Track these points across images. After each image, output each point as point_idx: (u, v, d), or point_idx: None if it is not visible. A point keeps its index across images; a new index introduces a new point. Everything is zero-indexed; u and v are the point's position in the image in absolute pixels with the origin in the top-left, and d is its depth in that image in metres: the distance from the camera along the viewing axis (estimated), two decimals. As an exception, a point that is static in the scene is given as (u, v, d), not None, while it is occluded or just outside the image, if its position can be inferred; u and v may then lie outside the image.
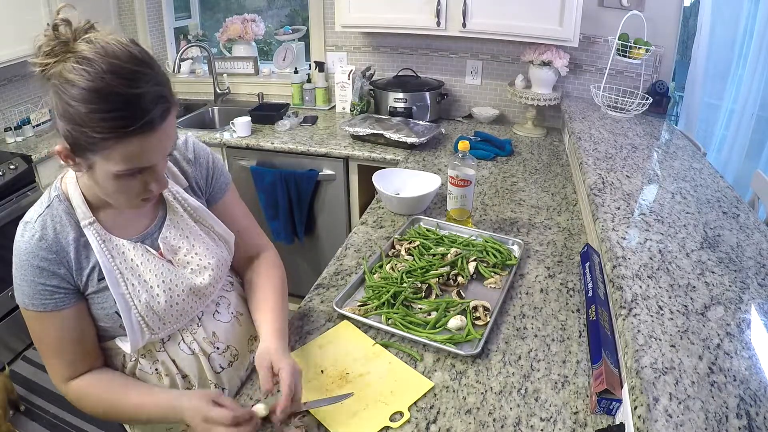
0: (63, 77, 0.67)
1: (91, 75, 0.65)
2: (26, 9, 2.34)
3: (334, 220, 2.37)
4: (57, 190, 0.82)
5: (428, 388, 0.93)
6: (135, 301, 0.83)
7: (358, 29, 2.52)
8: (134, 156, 0.70)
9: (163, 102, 0.70)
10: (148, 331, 0.86)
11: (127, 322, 0.83)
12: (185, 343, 0.92)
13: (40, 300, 0.79)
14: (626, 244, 1.04)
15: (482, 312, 1.10)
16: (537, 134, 2.38)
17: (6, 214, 2.17)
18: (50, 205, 0.81)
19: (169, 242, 0.89)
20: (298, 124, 2.50)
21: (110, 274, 0.82)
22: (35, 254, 0.78)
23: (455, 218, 1.47)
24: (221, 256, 0.96)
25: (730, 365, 0.73)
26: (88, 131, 0.67)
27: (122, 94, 0.66)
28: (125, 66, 0.67)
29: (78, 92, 0.66)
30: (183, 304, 0.89)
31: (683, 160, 1.58)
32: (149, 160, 0.73)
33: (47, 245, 0.78)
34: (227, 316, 0.99)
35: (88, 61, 0.66)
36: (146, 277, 0.85)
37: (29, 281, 0.79)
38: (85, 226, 0.81)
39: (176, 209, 0.91)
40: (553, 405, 0.89)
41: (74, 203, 0.81)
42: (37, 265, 0.78)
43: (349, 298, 1.18)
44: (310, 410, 0.87)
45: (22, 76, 2.65)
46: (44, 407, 2.07)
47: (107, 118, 0.66)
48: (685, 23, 2.56)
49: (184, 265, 0.90)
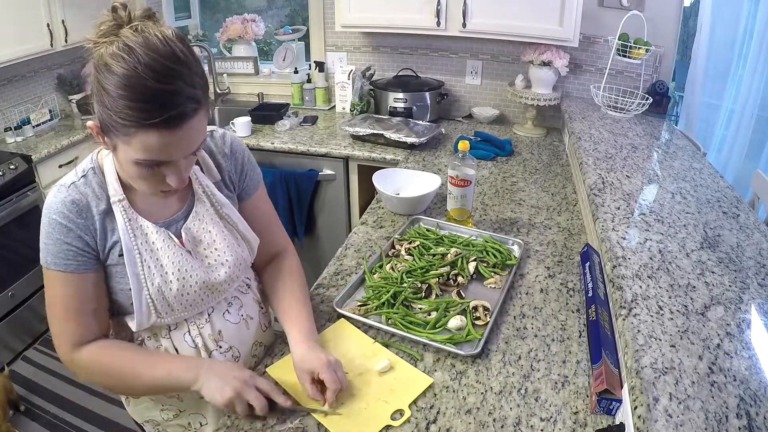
0: (103, 60, 0.69)
1: (127, 64, 0.67)
2: (26, 9, 2.34)
3: (334, 220, 2.37)
4: (93, 163, 0.84)
5: (428, 384, 0.94)
6: (148, 282, 0.85)
7: (358, 29, 2.52)
8: (153, 148, 0.71)
9: (192, 102, 0.71)
10: (155, 314, 0.87)
11: (136, 302, 0.85)
12: (190, 336, 0.93)
13: (64, 260, 0.81)
14: (626, 244, 1.04)
15: (482, 312, 1.10)
16: (537, 134, 2.38)
17: (6, 214, 2.17)
18: (86, 175, 0.83)
19: (191, 233, 0.91)
20: (298, 124, 2.50)
21: (129, 252, 0.84)
22: (65, 215, 0.80)
23: (455, 218, 1.47)
24: (240, 255, 0.96)
25: (730, 365, 0.73)
26: (113, 115, 0.69)
27: (150, 88, 0.67)
28: (162, 62, 0.68)
29: (111, 77, 0.68)
30: (194, 295, 0.90)
31: (683, 160, 1.58)
32: (168, 155, 0.74)
33: (77, 209, 0.81)
34: (237, 317, 0.99)
35: (129, 49, 0.67)
36: (163, 261, 0.87)
37: (55, 239, 0.80)
38: (114, 202, 0.83)
39: (204, 202, 0.92)
40: (553, 405, 0.89)
41: (108, 179, 0.83)
42: (66, 225, 0.80)
43: (349, 298, 1.18)
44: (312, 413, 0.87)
45: (22, 76, 2.65)
46: (44, 407, 2.07)
47: (132, 107, 0.68)
48: (685, 23, 2.56)
49: (203, 258, 0.92)
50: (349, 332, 1.07)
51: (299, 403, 0.88)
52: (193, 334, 0.93)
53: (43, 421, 2.00)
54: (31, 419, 2.01)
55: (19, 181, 2.23)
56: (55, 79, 2.86)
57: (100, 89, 0.70)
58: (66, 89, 2.89)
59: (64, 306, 0.84)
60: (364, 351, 1.01)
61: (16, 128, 2.48)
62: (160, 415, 1.02)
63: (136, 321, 0.87)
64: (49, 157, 2.38)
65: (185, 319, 0.93)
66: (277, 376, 0.94)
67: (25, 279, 2.30)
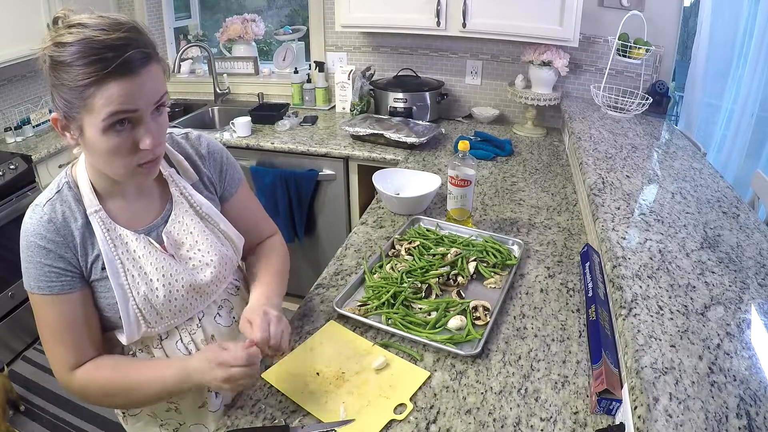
0: (55, 42, 0.70)
1: (80, 33, 0.69)
2: (26, 9, 2.34)
3: (334, 220, 2.37)
4: (67, 177, 0.83)
5: (425, 377, 0.94)
6: (134, 292, 0.84)
7: (358, 29, 2.52)
8: (114, 99, 0.70)
9: (142, 51, 0.72)
10: (144, 324, 0.86)
11: (123, 314, 0.83)
12: (182, 343, 0.92)
13: (47, 282, 0.79)
14: (626, 244, 1.04)
15: (482, 312, 1.10)
16: (537, 134, 2.38)
17: (6, 214, 2.17)
18: (60, 191, 0.82)
19: (172, 237, 0.90)
20: (298, 124, 2.50)
21: (111, 263, 0.82)
22: (43, 236, 0.79)
23: (455, 218, 1.47)
24: (225, 254, 0.95)
25: (730, 365, 0.73)
26: (71, 86, 0.69)
27: (102, 41, 0.69)
28: (109, 21, 0.71)
29: (65, 49, 0.69)
30: (182, 300, 0.89)
31: (683, 160, 1.58)
32: (132, 103, 0.72)
33: (55, 228, 0.79)
34: (228, 320, 0.99)
35: (75, 25, 0.70)
36: (147, 269, 0.85)
37: (36, 263, 0.79)
38: (90, 213, 0.82)
39: (182, 204, 0.92)
40: (553, 405, 0.89)
41: (82, 191, 0.82)
42: (44, 246, 0.79)
43: (349, 298, 1.18)
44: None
45: (22, 76, 2.65)
46: (44, 407, 2.07)
47: (87, 63, 0.68)
48: (685, 23, 2.56)
49: (186, 260, 0.91)
50: (338, 334, 1.06)
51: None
52: (185, 341, 0.92)
53: (43, 421, 2.00)
54: (31, 419, 2.01)
55: (19, 181, 2.23)
56: (55, 79, 2.86)
57: (53, 76, 0.71)
58: (66, 89, 2.88)
59: (52, 330, 0.82)
60: (355, 351, 1.01)
61: (16, 128, 2.48)
62: (156, 425, 1.00)
63: (126, 334, 0.85)
64: (49, 157, 2.38)
65: (176, 327, 0.91)
66: (273, 380, 0.94)
67: (25, 279, 2.30)
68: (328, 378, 0.94)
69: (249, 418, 0.87)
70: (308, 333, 1.07)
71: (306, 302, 1.18)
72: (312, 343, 1.04)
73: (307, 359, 0.99)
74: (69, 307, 0.81)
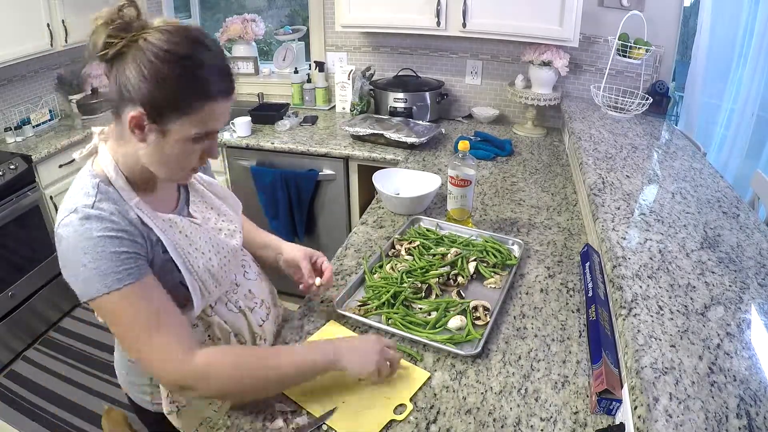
0: (156, 46, 0.73)
1: (192, 47, 0.75)
2: (26, 9, 2.34)
3: (334, 220, 2.37)
4: (95, 177, 0.80)
5: (426, 377, 0.95)
6: (194, 266, 0.88)
7: (358, 29, 2.52)
8: (215, 117, 0.78)
9: (232, 76, 0.81)
10: (207, 293, 0.91)
11: (191, 287, 0.87)
12: (231, 303, 0.99)
13: (127, 270, 0.76)
14: (626, 244, 1.04)
15: (482, 312, 1.10)
16: (537, 134, 2.38)
17: (6, 214, 2.17)
18: (99, 189, 0.79)
19: (200, 213, 0.97)
20: (298, 124, 2.50)
21: (170, 245, 0.85)
22: (110, 227, 0.76)
23: (455, 218, 1.47)
24: (239, 220, 1.04)
25: (730, 365, 0.73)
26: (181, 95, 0.74)
27: (217, 64, 0.77)
28: (215, 42, 0.79)
29: (173, 58, 0.73)
30: (229, 265, 0.96)
31: (683, 160, 1.58)
32: (222, 122, 0.81)
33: (117, 219, 0.78)
34: (253, 275, 1.08)
35: (175, 31, 0.75)
36: (198, 244, 0.90)
37: (108, 255, 0.75)
38: (133, 206, 0.82)
39: (195, 185, 0.99)
40: (553, 405, 0.89)
41: (117, 186, 0.81)
42: (115, 236, 0.76)
43: (349, 298, 1.18)
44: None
45: (22, 76, 2.65)
46: (44, 407, 2.07)
47: (207, 81, 0.75)
48: (685, 23, 2.56)
49: (218, 231, 0.97)
50: (342, 333, 1.06)
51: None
52: (233, 301, 0.99)
53: (43, 421, 2.00)
54: (32, 419, 2.01)
55: (19, 181, 2.23)
56: (55, 79, 2.86)
57: (156, 74, 0.72)
58: (66, 89, 2.89)
59: (145, 322, 0.77)
60: None
61: (16, 128, 2.48)
62: (210, 409, 1.02)
63: (195, 306, 0.89)
64: (49, 157, 2.38)
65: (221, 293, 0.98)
66: None
67: (25, 279, 2.30)
68: (328, 378, 0.94)
69: (249, 418, 0.87)
70: (308, 333, 1.07)
71: (306, 302, 1.18)
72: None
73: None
74: (156, 289, 0.80)
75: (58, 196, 2.44)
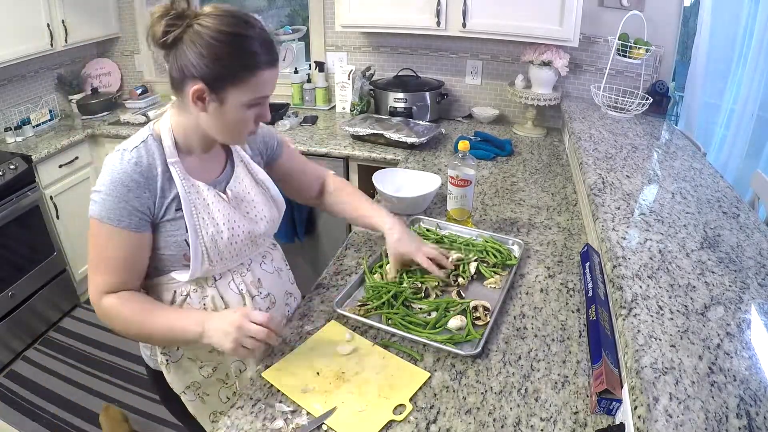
0: (209, 28, 0.84)
1: (245, 27, 0.87)
2: (26, 9, 2.35)
3: (334, 220, 2.37)
4: (150, 131, 0.95)
5: (425, 378, 0.94)
6: (203, 232, 0.95)
7: (358, 29, 2.52)
8: (267, 84, 0.90)
9: (275, 48, 0.92)
10: (207, 262, 0.97)
11: (193, 249, 0.94)
12: (234, 284, 1.04)
13: (120, 216, 0.88)
14: (626, 244, 1.04)
15: (482, 312, 1.10)
16: (537, 134, 2.38)
17: (6, 214, 2.17)
18: (145, 141, 0.92)
19: (235, 192, 1.04)
20: (298, 124, 2.50)
21: (187, 204, 0.94)
22: (129, 175, 0.88)
23: (455, 218, 1.47)
24: (274, 215, 1.11)
25: (730, 365, 0.73)
26: (238, 66, 0.86)
27: (267, 38, 0.90)
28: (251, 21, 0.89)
29: (226, 37, 0.85)
30: (241, 245, 1.02)
31: (683, 160, 1.58)
32: (272, 88, 0.92)
33: (140, 170, 0.89)
34: (271, 268, 1.13)
35: (239, 18, 0.87)
36: (214, 214, 0.97)
37: (115, 197, 0.87)
38: (171, 163, 0.93)
39: (243, 168, 1.07)
40: (553, 405, 0.89)
41: (164, 143, 0.93)
42: (128, 185, 0.88)
43: (349, 298, 1.18)
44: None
45: (22, 76, 2.65)
46: (44, 407, 2.07)
47: (259, 53, 0.87)
48: (685, 23, 2.56)
49: (245, 213, 1.04)
50: (338, 334, 1.06)
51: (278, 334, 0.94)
52: (237, 282, 1.04)
53: (43, 421, 2.00)
54: (32, 419, 2.01)
55: (19, 181, 2.23)
56: (55, 79, 2.86)
57: (211, 50, 0.84)
58: (66, 89, 2.89)
59: (104, 258, 0.91)
60: (358, 350, 1.01)
61: (16, 128, 2.48)
62: (199, 374, 1.08)
63: (191, 268, 0.95)
64: (49, 157, 2.38)
65: (229, 270, 1.03)
66: (273, 379, 0.94)
67: (25, 279, 2.30)
68: (328, 378, 0.94)
69: (249, 418, 0.87)
70: (308, 333, 1.07)
71: (306, 302, 1.18)
72: (312, 343, 1.04)
73: (307, 359, 0.99)
74: (129, 243, 0.90)
75: (58, 196, 2.44)
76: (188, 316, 0.94)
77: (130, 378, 2.21)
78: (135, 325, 0.93)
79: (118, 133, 2.55)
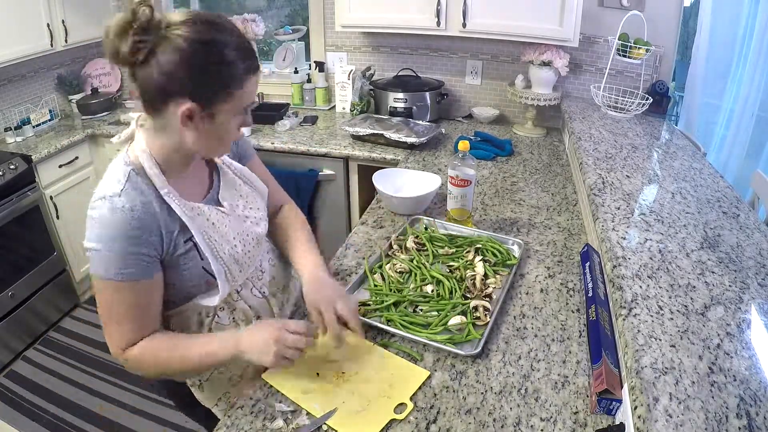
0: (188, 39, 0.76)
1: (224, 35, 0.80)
2: (26, 9, 2.34)
3: (334, 220, 2.37)
4: (129, 165, 0.86)
5: (425, 376, 0.95)
6: (220, 253, 0.93)
7: (358, 29, 2.52)
8: (248, 94, 0.85)
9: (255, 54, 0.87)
10: (232, 279, 0.96)
11: (217, 272, 0.92)
12: (256, 288, 1.05)
13: (127, 269, 0.82)
14: (626, 244, 1.04)
15: (482, 312, 1.10)
16: (537, 134, 2.38)
17: (6, 214, 2.17)
18: (129, 178, 0.84)
19: (229, 201, 1.00)
20: (298, 124, 2.50)
21: (197, 232, 0.89)
22: (129, 224, 0.81)
23: (455, 218, 1.47)
24: (263, 207, 1.08)
25: (730, 365, 0.73)
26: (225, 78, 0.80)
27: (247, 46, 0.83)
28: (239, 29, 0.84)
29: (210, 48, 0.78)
30: (253, 251, 1.02)
31: (683, 160, 1.58)
32: (252, 97, 0.87)
33: (138, 216, 0.82)
34: (274, 260, 1.14)
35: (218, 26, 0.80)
36: (223, 231, 0.95)
37: (119, 252, 0.81)
38: (164, 194, 0.86)
39: (226, 172, 1.03)
40: (553, 405, 0.89)
41: (150, 173, 0.85)
42: (131, 235, 0.81)
43: (349, 298, 1.18)
44: None
45: (22, 76, 2.65)
46: (44, 407, 2.07)
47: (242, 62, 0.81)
48: (685, 23, 2.56)
49: (245, 218, 1.02)
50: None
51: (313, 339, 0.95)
52: (258, 287, 1.05)
53: (43, 421, 2.00)
54: (32, 419, 2.01)
55: (19, 181, 2.23)
56: (55, 79, 2.86)
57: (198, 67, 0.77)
58: (66, 89, 2.89)
59: (116, 312, 0.86)
60: (354, 350, 1.01)
61: (16, 128, 2.48)
62: (228, 384, 1.08)
63: (220, 291, 0.93)
64: (49, 157, 2.38)
65: (247, 278, 1.03)
66: (273, 381, 0.94)
67: (25, 279, 2.30)
68: (328, 378, 0.94)
69: (249, 418, 0.87)
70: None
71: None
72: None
73: (307, 359, 0.99)
74: (142, 292, 0.86)
75: (58, 196, 2.44)
76: (220, 339, 0.91)
77: (130, 378, 2.21)
78: (164, 369, 0.91)
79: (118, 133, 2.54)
